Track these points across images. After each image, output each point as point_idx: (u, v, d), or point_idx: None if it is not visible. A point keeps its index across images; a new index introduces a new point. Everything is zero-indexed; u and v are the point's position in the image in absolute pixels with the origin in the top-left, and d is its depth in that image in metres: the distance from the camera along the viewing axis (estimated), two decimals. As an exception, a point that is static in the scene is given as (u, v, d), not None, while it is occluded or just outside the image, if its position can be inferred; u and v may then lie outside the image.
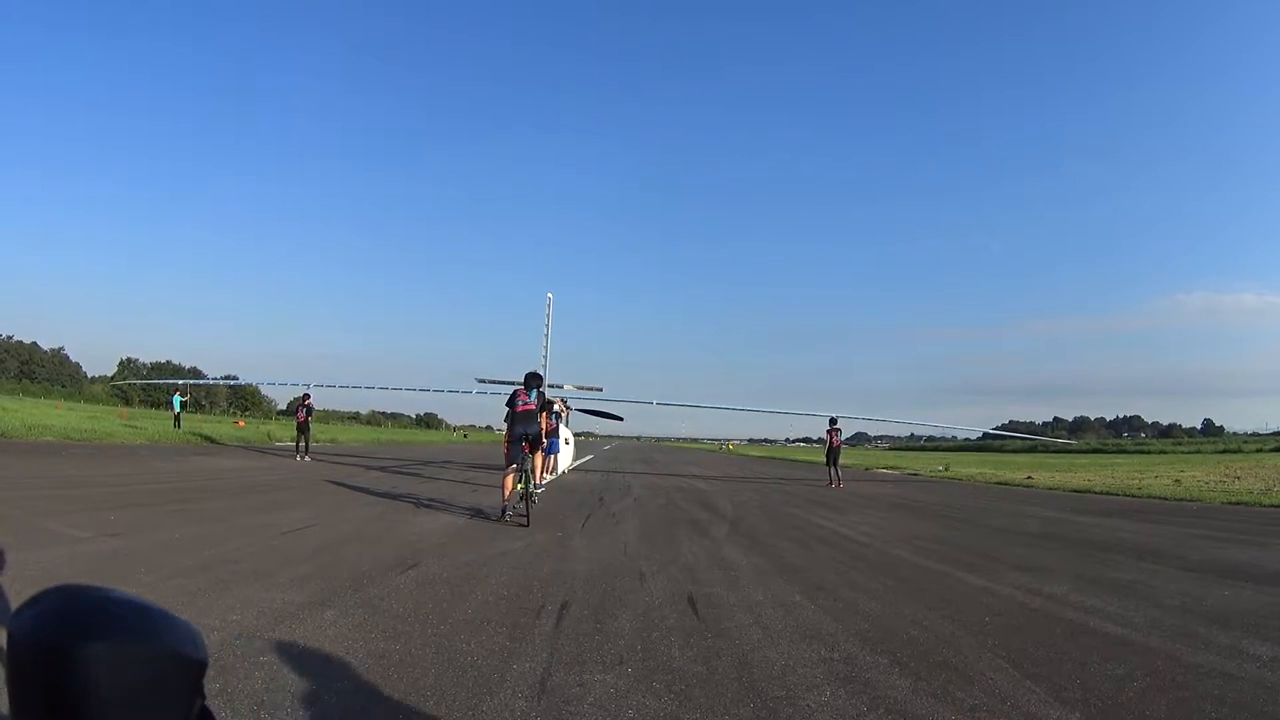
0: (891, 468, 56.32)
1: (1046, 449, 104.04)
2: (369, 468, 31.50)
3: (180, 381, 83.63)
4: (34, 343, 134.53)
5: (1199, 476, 36.07)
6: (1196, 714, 5.43)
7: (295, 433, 35.66)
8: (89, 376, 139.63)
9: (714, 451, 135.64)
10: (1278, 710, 5.48)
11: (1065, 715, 5.31)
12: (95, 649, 0.86)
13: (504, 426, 16.25)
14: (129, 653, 0.89)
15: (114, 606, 0.92)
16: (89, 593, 0.93)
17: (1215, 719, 5.37)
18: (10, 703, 0.88)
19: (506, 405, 16.08)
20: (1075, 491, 30.22)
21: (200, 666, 0.97)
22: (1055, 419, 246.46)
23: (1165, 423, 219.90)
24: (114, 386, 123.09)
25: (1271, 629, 7.81)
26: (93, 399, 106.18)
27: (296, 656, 5.97)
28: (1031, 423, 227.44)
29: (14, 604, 0.95)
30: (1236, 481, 32.26)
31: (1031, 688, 5.86)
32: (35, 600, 0.91)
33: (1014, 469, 47.62)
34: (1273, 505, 23.14)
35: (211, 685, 0.98)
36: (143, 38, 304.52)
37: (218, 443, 44.10)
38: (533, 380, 16.22)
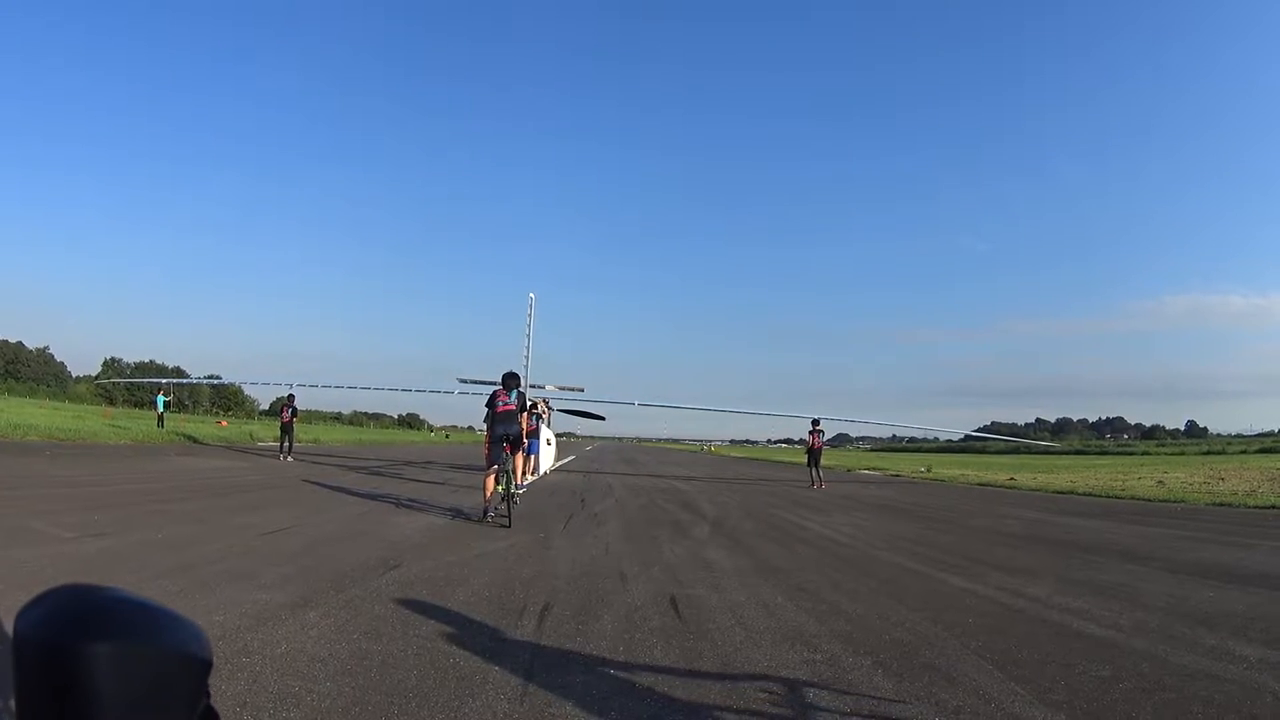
0: (873, 469, 56.65)
1: (1029, 450, 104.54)
2: (351, 468, 31.45)
3: (164, 381, 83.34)
4: (19, 342, 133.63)
5: (1183, 478, 36.24)
6: (1183, 716, 5.41)
7: (279, 433, 35.67)
8: (74, 376, 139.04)
9: (696, 452, 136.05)
10: (1265, 712, 5.47)
11: (1050, 717, 5.29)
12: (101, 649, 0.85)
13: (485, 427, 16.17)
14: (134, 653, 0.88)
15: (119, 606, 0.91)
16: (94, 592, 0.92)
17: (1202, 721, 5.38)
18: (16, 703, 0.87)
19: (486, 406, 16.00)
20: (1058, 493, 30.40)
21: (205, 666, 0.96)
22: (1038, 420, 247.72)
23: (1149, 424, 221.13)
24: (98, 386, 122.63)
25: (1258, 630, 7.82)
26: (77, 398, 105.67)
27: (279, 657, 5.94)
28: (1014, 424, 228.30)
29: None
30: (1221, 483, 32.40)
31: (1016, 689, 5.84)
32: (41, 600, 0.89)
33: (996, 470, 47.83)
34: (1258, 507, 23.33)
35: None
36: (128, 36, 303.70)
37: (200, 443, 44.09)
38: (510, 380, 16.16)
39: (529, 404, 28.09)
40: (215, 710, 1.00)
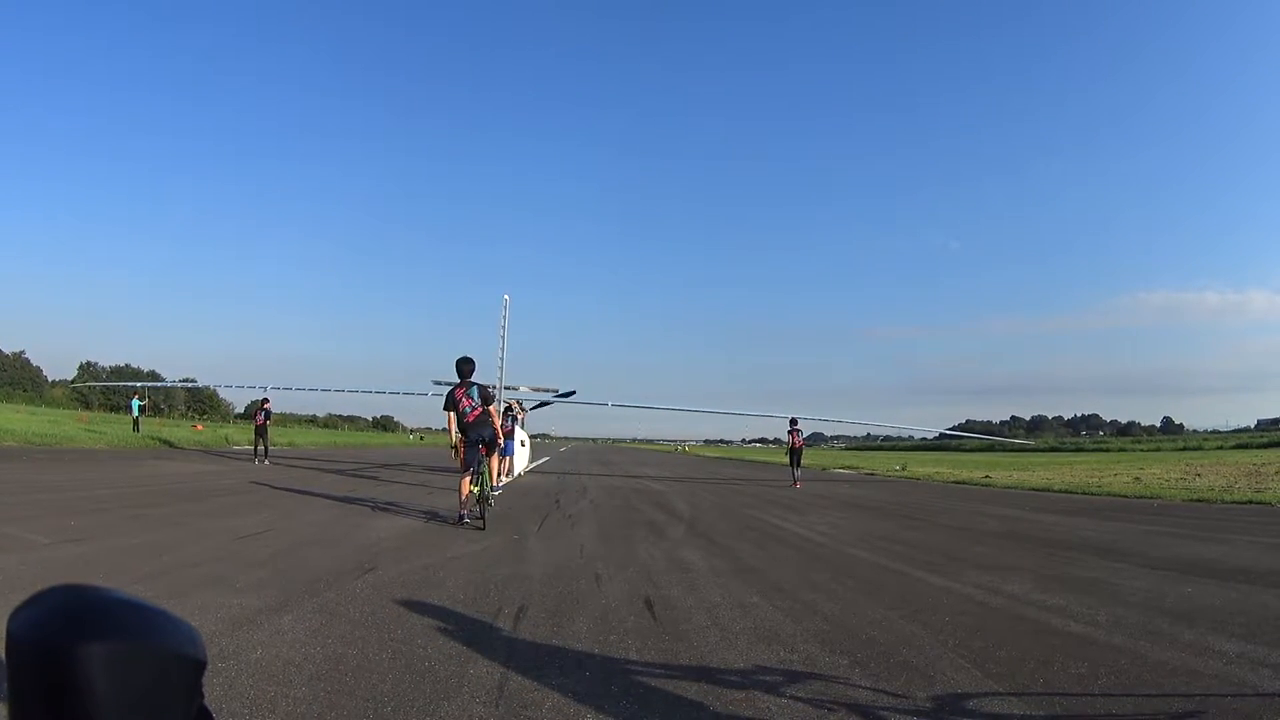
0: (849, 467, 57.01)
1: (1004, 448, 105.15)
2: (326, 471, 31.45)
3: (139, 385, 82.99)
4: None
5: (1159, 474, 36.54)
6: (1162, 711, 5.44)
7: (253, 436, 35.51)
8: (50, 380, 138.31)
9: (671, 452, 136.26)
10: (1245, 706, 5.48)
11: (1029, 714, 5.29)
12: (95, 649, 0.84)
13: (455, 429, 15.49)
14: (128, 653, 0.87)
15: (113, 606, 0.90)
16: (88, 592, 0.91)
17: (1181, 716, 5.41)
18: (10, 703, 0.86)
19: (446, 408, 15.40)
20: (1034, 490, 30.62)
21: (199, 666, 0.96)
22: (1013, 418, 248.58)
23: (1125, 421, 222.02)
24: (74, 390, 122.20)
25: (1237, 625, 7.83)
26: (53, 403, 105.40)
27: (254, 662, 5.89)
28: (988, 422, 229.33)
29: None
30: (1197, 479, 32.65)
31: (994, 687, 5.82)
32: (35, 600, 0.88)
33: (971, 468, 48.15)
34: (1234, 502, 23.47)
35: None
36: (99, 37, 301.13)
37: (176, 446, 44.09)
38: (465, 366, 15.59)
39: (504, 406, 27.99)
40: (209, 710, 0.99)
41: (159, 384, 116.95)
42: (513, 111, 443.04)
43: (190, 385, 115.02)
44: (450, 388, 15.80)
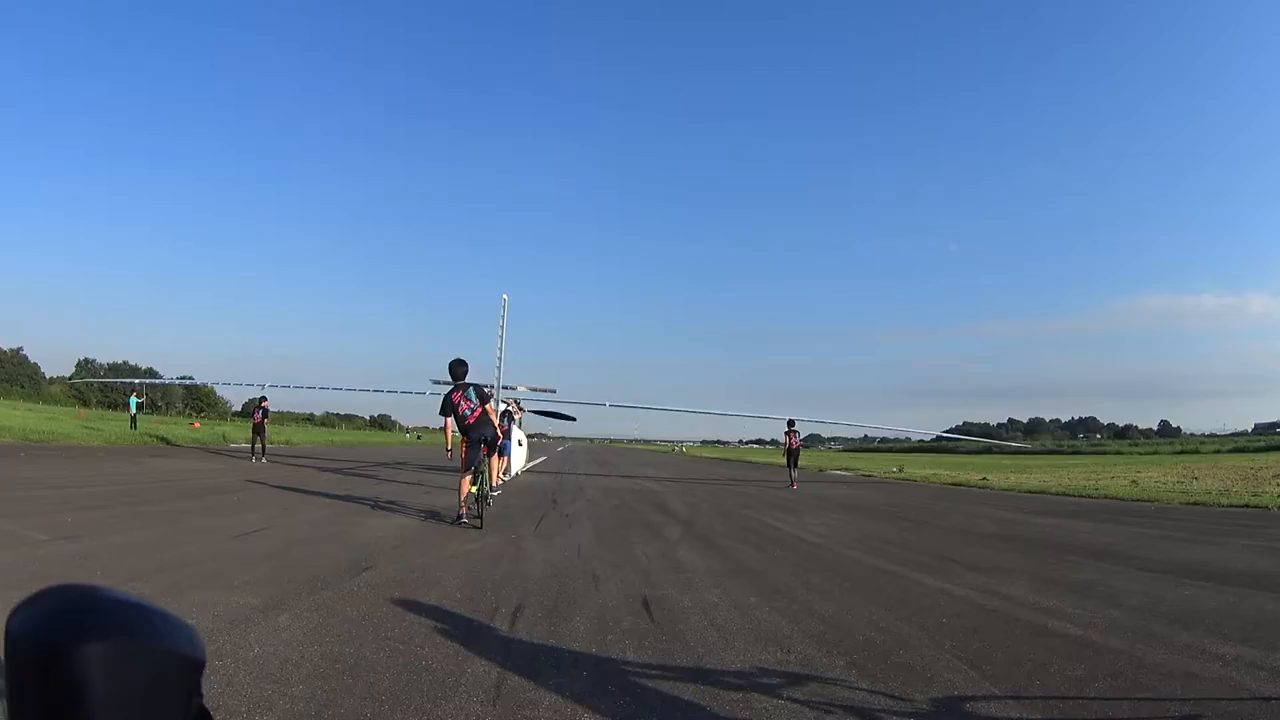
0: (846, 469, 57.04)
1: (1001, 450, 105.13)
2: (323, 469, 31.36)
3: (136, 382, 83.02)
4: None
5: (1156, 477, 36.52)
6: (1159, 715, 5.44)
7: (250, 434, 35.45)
8: (47, 377, 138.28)
9: (668, 453, 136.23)
10: (1242, 710, 5.47)
11: (1027, 717, 5.28)
12: (93, 649, 0.84)
13: (454, 429, 15.46)
14: (127, 652, 0.87)
15: (112, 606, 0.90)
16: (87, 592, 0.91)
17: (1178, 720, 5.41)
18: (8, 703, 0.86)
19: (443, 412, 15.35)
20: (1031, 492, 30.55)
21: (198, 666, 0.95)
22: (1010, 420, 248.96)
23: (1121, 424, 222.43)
24: (72, 387, 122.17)
25: (1234, 628, 7.82)
26: (51, 399, 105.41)
27: (251, 661, 5.86)
28: (986, 424, 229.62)
29: None
30: (1194, 482, 32.65)
31: (991, 689, 5.81)
32: (33, 600, 0.88)
33: (969, 470, 48.01)
34: (1231, 505, 23.47)
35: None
36: (99, 37, 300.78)
37: (173, 444, 44.14)
38: (459, 368, 15.55)
39: (502, 408, 27.93)
40: (208, 710, 0.99)
41: (157, 381, 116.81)
42: (513, 112, 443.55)
43: (188, 383, 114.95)
44: (447, 391, 15.72)
